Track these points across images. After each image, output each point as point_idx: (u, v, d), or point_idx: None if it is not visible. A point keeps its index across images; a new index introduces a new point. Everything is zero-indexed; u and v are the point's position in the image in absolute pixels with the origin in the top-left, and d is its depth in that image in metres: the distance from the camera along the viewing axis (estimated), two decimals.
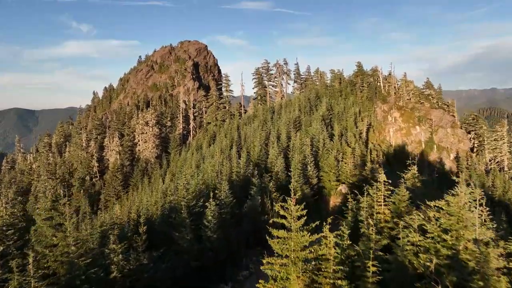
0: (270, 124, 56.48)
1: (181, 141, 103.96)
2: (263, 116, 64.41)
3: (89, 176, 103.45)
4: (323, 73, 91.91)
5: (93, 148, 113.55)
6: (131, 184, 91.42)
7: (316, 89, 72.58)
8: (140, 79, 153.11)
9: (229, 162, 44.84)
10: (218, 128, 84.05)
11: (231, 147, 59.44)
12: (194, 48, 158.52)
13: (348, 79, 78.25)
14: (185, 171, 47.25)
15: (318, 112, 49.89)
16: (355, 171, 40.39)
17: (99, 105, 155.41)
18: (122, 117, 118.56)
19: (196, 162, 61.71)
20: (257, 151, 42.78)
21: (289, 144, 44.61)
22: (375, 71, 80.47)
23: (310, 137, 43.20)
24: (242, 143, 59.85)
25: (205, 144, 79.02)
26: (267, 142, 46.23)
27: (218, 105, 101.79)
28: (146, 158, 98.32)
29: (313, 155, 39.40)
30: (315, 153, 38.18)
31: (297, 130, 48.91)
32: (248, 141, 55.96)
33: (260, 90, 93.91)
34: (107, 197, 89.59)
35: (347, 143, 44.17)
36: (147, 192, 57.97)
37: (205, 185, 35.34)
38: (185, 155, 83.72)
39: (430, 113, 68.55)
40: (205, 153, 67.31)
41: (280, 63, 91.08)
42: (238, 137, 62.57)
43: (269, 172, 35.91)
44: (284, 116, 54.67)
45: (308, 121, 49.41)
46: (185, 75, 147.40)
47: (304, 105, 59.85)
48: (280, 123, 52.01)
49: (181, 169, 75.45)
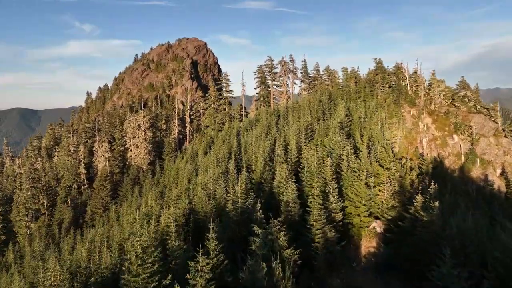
0: (275, 130, 47.81)
1: (176, 146, 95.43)
2: (266, 120, 55.85)
3: (77, 184, 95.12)
4: (334, 72, 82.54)
5: (82, 153, 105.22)
6: (120, 194, 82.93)
7: (329, 90, 63.36)
8: (136, 79, 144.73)
9: (225, 182, 36.12)
10: (216, 133, 75.40)
11: (229, 157, 50.86)
12: (193, 46, 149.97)
13: (366, 78, 68.66)
14: (149, 201, 38.66)
15: (335, 119, 40.83)
16: (394, 202, 29.76)
17: (92, 106, 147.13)
18: (114, 120, 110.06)
19: (189, 175, 53.08)
20: (259, 167, 34.28)
21: (299, 158, 35.78)
22: (399, 68, 70.82)
23: (328, 150, 34.28)
24: (242, 153, 51.19)
25: (201, 151, 70.38)
26: (272, 156, 37.64)
27: (217, 106, 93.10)
28: (138, 165, 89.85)
29: (335, 178, 29.31)
30: (337, 174, 28.83)
31: (309, 140, 39.83)
32: (249, 151, 47.28)
33: (263, 91, 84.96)
34: (94, 208, 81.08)
35: (378, 161, 33.41)
36: (128, 213, 49.22)
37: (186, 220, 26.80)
38: (179, 164, 75.09)
39: (469, 119, 58.39)
40: (200, 163, 58.74)
41: (285, 60, 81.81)
42: (238, 145, 53.92)
43: (276, 198, 27.38)
44: (292, 122, 45.58)
45: (323, 130, 40.17)
46: (183, 75, 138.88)
47: (316, 109, 50.65)
48: (288, 131, 43.19)
49: (174, 179, 66.98)
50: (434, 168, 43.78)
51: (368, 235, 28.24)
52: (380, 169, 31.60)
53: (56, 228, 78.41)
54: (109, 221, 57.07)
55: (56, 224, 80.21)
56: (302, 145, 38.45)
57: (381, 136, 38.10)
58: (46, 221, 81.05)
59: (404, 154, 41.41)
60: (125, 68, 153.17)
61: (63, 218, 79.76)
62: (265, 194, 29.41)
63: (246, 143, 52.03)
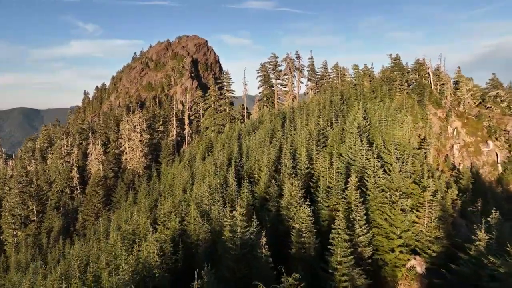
0: (281, 135, 42.28)
1: (174, 148, 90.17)
2: (270, 123, 50.43)
3: (69, 188, 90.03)
4: (344, 69, 76.50)
5: (76, 155, 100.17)
6: (113, 200, 77.74)
7: (340, 89, 57.35)
8: (134, 78, 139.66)
9: (223, 197, 30.81)
10: (215, 136, 70.07)
11: (228, 164, 45.55)
12: (193, 43, 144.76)
13: (382, 76, 62.32)
14: (135, 217, 33.80)
15: (351, 122, 34.94)
16: (438, 231, 22.91)
17: (89, 106, 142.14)
18: (110, 121, 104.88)
19: (184, 183, 47.80)
20: (264, 179, 28.86)
21: (311, 169, 29.97)
22: (421, 65, 64.32)
23: (345, 161, 28.48)
24: (243, 159, 45.80)
25: (199, 156, 65.02)
26: (278, 165, 32.16)
27: (217, 107, 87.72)
28: (133, 169, 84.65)
29: (360, 199, 22.27)
30: (360, 193, 22.42)
31: (322, 147, 33.97)
32: (252, 158, 41.89)
33: (266, 90, 79.26)
34: (85, 216, 75.90)
35: (410, 175, 26.22)
36: (116, 226, 44.09)
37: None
38: (175, 169, 69.81)
39: (504, 122, 51.90)
40: (197, 170, 53.42)
41: (291, 57, 75.73)
42: (239, 150, 48.54)
43: (285, 222, 21.93)
44: (301, 126, 39.72)
45: (337, 135, 34.31)
46: (182, 73, 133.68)
47: (327, 111, 44.58)
48: (296, 136, 37.54)
49: (170, 186, 61.81)
50: (469, 180, 37.62)
51: (406, 277, 21.88)
52: (415, 187, 25.48)
53: (45, 237, 73.40)
54: (94, 236, 51.80)
55: (45, 232, 75.21)
56: (313, 153, 32.72)
57: (409, 144, 32.02)
58: (34, 229, 76.02)
59: (434, 165, 35.09)
60: (123, 67, 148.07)
61: (52, 226, 74.73)
62: (270, 216, 24.01)
63: (248, 148, 46.64)
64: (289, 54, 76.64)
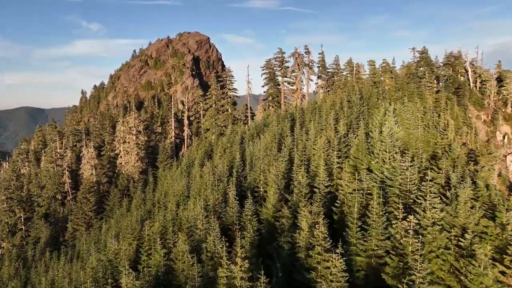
0: (290, 140, 35.98)
1: (172, 152, 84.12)
2: (277, 125, 44.17)
3: (61, 194, 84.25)
4: (359, 66, 69.44)
5: (69, 158, 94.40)
6: (106, 208, 71.84)
7: (358, 88, 50.25)
8: (133, 76, 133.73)
9: (220, 220, 24.75)
10: (216, 139, 63.90)
11: (229, 174, 39.41)
12: (194, 40, 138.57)
13: (408, 73, 54.94)
14: (110, 246, 28.15)
15: (378, 127, 28.19)
16: None
17: (86, 106, 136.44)
18: (106, 122, 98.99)
19: (179, 196, 41.69)
20: (272, 200, 22.74)
21: (331, 187, 23.62)
22: (457, 58, 56.97)
23: (379, 180, 22.19)
24: (246, 169, 39.59)
25: (197, 161, 58.92)
26: (289, 180, 25.99)
27: (219, 107, 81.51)
28: (128, 173, 78.73)
29: (417, 244, 14.96)
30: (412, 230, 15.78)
31: (344, 158, 27.72)
32: (256, 167, 35.66)
33: (272, 89, 72.65)
34: (75, 225, 70.05)
35: (473, 201, 19.36)
36: (102, 245, 38.39)
37: None
38: (173, 175, 63.76)
39: None
40: (194, 179, 47.29)
41: (299, 52, 68.73)
42: (241, 157, 42.30)
43: (303, 269, 15.77)
44: (315, 130, 33.09)
45: (363, 144, 26.69)
46: (183, 72, 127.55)
47: (345, 113, 37.81)
48: (310, 143, 31.09)
49: (166, 195, 55.79)
50: None
51: None
52: (489, 224, 18.78)
53: (31, 248, 67.65)
54: (77, 255, 45.86)
55: (32, 243, 69.48)
56: (333, 166, 26.35)
57: (458, 157, 25.00)
58: (19, 240, 70.29)
59: (485, 179, 27.61)
60: (122, 65, 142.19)
61: (39, 236, 68.97)
62: (283, 257, 17.79)
63: (252, 156, 40.41)
64: (298, 49, 69.81)
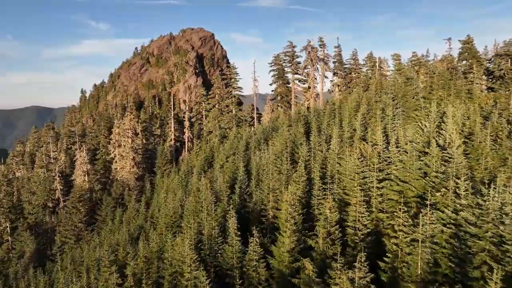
0: (306, 150, 28.81)
1: (172, 156, 77.42)
2: (289, 130, 37.12)
3: (52, 202, 78.07)
4: (382, 60, 61.39)
5: (63, 162, 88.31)
6: (98, 219, 65.31)
7: (385, 85, 42.19)
8: (133, 75, 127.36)
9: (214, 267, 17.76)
10: (218, 144, 56.97)
11: (231, 193, 32.50)
12: (198, 37, 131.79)
13: (450, 67, 46.60)
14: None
15: (439, 140, 20.72)
16: None
17: (85, 106, 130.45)
18: (102, 123, 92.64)
19: (170, 218, 34.89)
20: (288, 244, 15.94)
21: (375, 231, 16.09)
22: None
23: (446, 220, 15.01)
24: (252, 185, 32.56)
25: (197, 169, 52.09)
26: (309, 210, 19.03)
27: (222, 107, 74.62)
28: (124, 180, 72.18)
29: None
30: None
31: (380, 180, 19.35)
32: (264, 185, 28.55)
33: (281, 87, 64.90)
34: (64, 238, 63.58)
35: None
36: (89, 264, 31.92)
37: None
38: (170, 183, 56.99)
39: None
40: (190, 192, 40.49)
41: (312, 45, 60.81)
42: (246, 168, 35.31)
43: None
44: (338, 138, 25.74)
45: (413, 162, 19.01)
46: (186, 70, 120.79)
47: (377, 116, 30.17)
48: (332, 156, 24.01)
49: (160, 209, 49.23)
50: None
51: None
52: None
53: (15, 263, 61.39)
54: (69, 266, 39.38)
55: (16, 257, 63.29)
56: (373, 193, 18.35)
57: None
58: (4, 252, 64.13)
59: None
60: (122, 63, 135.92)
61: (24, 251, 62.74)
62: None
63: (258, 168, 33.41)
64: (311, 42, 61.89)
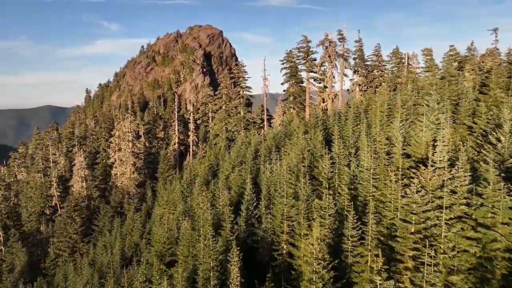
0: (329, 165, 23.11)
1: (176, 161, 72.17)
2: (305, 138, 31.36)
3: (49, 209, 73.56)
4: (411, 56, 53.96)
5: (62, 166, 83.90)
6: (95, 230, 60.36)
7: (419, 84, 34.65)
8: (138, 74, 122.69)
9: None
10: (223, 151, 51.40)
11: (236, 212, 26.87)
12: (206, 34, 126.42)
13: (509, 61, 38.88)
14: None
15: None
16: None
17: (89, 106, 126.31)
18: (103, 125, 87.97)
19: (162, 244, 29.38)
20: None
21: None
22: None
23: None
24: (261, 207, 26.76)
25: (200, 179, 46.43)
26: (340, 252, 13.41)
27: (230, 109, 69.03)
28: (123, 187, 67.17)
29: None
30: None
31: (450, 225, 13.29)
32: (277, 208, 22.82)
33: (294, 87, 58.32)
34: (58, 250, 58.75)
35: None
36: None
37: None
38: (169, 195, 51.43)
39: None
40: (190, 208, 35.17)
41: (331, 39, 52.86)
42: (254, 184, 29.59)
43: None
44: (368, 153, 19.69)
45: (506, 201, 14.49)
46: (193, 69, 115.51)
47: (427, 127, 23.76)
48: (366, 177, 18.21)
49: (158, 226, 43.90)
50: None
51: None
52: None
53: (6, 278, 56.81)
54: None
55: (7, 271, 58.76)
56: (442, 246, 12.57)
57: None
58: None
59: None
60: (127, 62, 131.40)
61: (14, 264, 58.17)
62: None
63: (269, 184, 27.64)
64: (329, 35, 54.22)
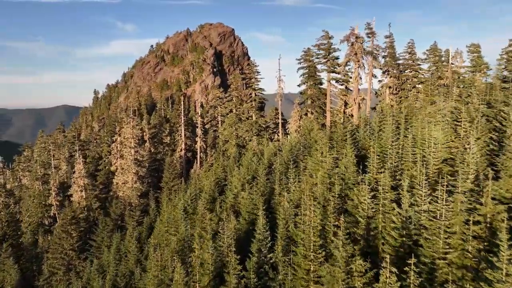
0: (368, 199, 17.22)
1: (182, 168, 66.56)
2: (330, 153, 25.29)
3: (47, 219, 68.90)
4: (456, 53, 46.36)
5: (64, 172, 79.36)
6: (93, 245, 55.11)
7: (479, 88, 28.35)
8: (147, 74, 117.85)
9: None
10: (232, 163, 45.43)
11: (246, 249, 20.84)
12: (216, 32, 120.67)
13: None
14: None
15: None
16: None
17: (96, 108, 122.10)
18: (107, 128, 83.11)
19: (158, 281, 23.40)
20: None
21: None
22: None
23: None
24: (277, 250, 20.63)
25: (205, 196, 40.45)
26: None
27: (241, 113, 63.04)
28: (125, 197, 61.88)
29: None
30: None
31: None
32: (299, 257, 16.69)
33: (312, 89, 50.98)
34: (52, 268, 53.62)
35: None
36: None
37: None
38: (170, 213, 45.62)
39: None
40: (191, 234, 29.43)
41: (357, 34, 45.26)
42: (268, 212, 23.53)
43: None
44: (425, 187, 14.26)
45: None
46: (203, 68, 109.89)
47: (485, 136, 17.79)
48: (426, 223, 12.82)
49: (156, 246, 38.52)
50: None
51: None
52: None
53: None
54: None
55: None
56: None
57: None
58: None
59: None
60: (135, 61, 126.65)
61: (5, 282, 53.47)
62: None
63: (287, 218, 21.48)
64: (355, 30, 46.70)
